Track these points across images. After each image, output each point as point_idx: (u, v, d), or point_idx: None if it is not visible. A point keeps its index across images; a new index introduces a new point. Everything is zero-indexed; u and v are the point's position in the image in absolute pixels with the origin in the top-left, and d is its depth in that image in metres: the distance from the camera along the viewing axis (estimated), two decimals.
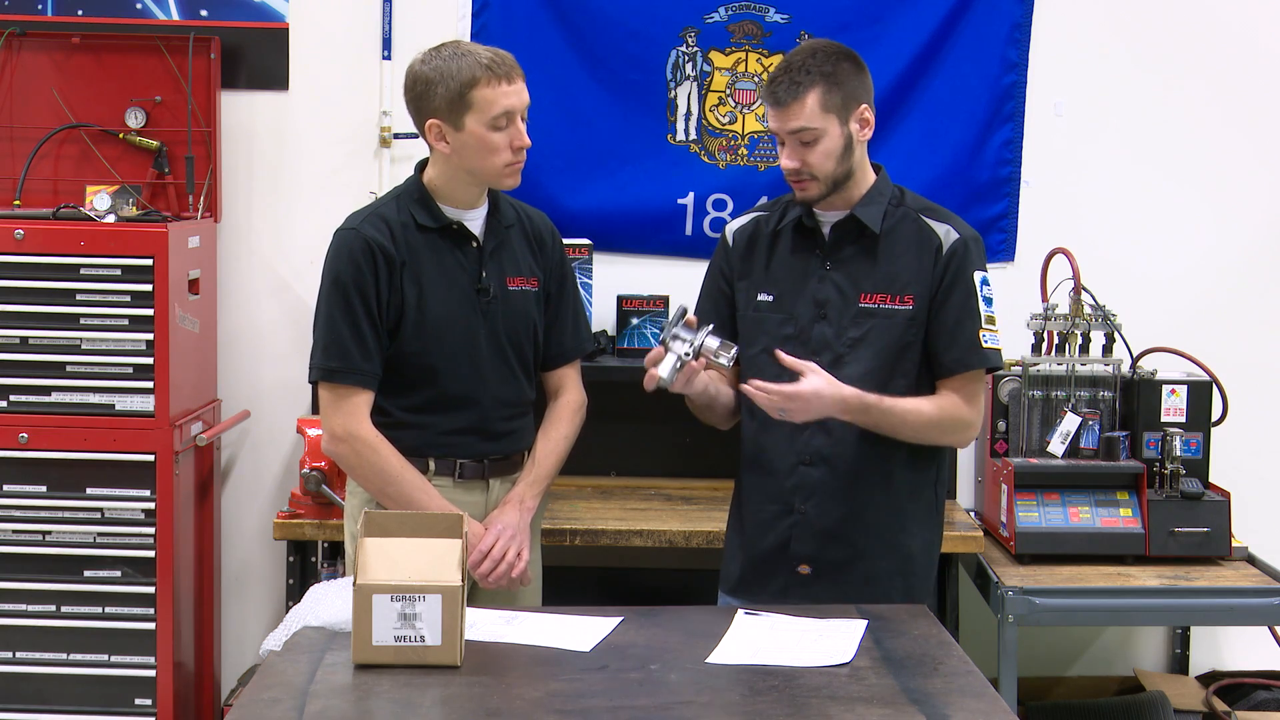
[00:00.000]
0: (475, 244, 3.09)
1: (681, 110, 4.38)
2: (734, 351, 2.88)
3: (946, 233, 3.02)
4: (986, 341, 3.01)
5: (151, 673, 3.94)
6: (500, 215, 3.13)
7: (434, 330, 3.04)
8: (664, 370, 2.86)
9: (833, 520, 3.03)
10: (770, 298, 3.07)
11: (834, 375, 2.95)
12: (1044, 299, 4.07)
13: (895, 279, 3.01)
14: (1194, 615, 3.95)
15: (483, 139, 2.97)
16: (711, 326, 2.91)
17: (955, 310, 3.00)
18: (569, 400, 3.24)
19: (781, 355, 2.91)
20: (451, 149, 3.00)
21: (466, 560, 2.59)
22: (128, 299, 3.86)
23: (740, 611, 2.80)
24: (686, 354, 2.87)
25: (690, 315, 2.91)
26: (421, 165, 3.13)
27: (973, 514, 4.17)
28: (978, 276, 3.02)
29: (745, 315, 3.10)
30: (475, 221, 3.10)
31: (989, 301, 3.03)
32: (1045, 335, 4.00)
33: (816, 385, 2.87)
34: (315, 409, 4.13)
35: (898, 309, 3.00)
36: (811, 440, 3.02)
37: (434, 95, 2.97)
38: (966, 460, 4.27)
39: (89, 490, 3.92)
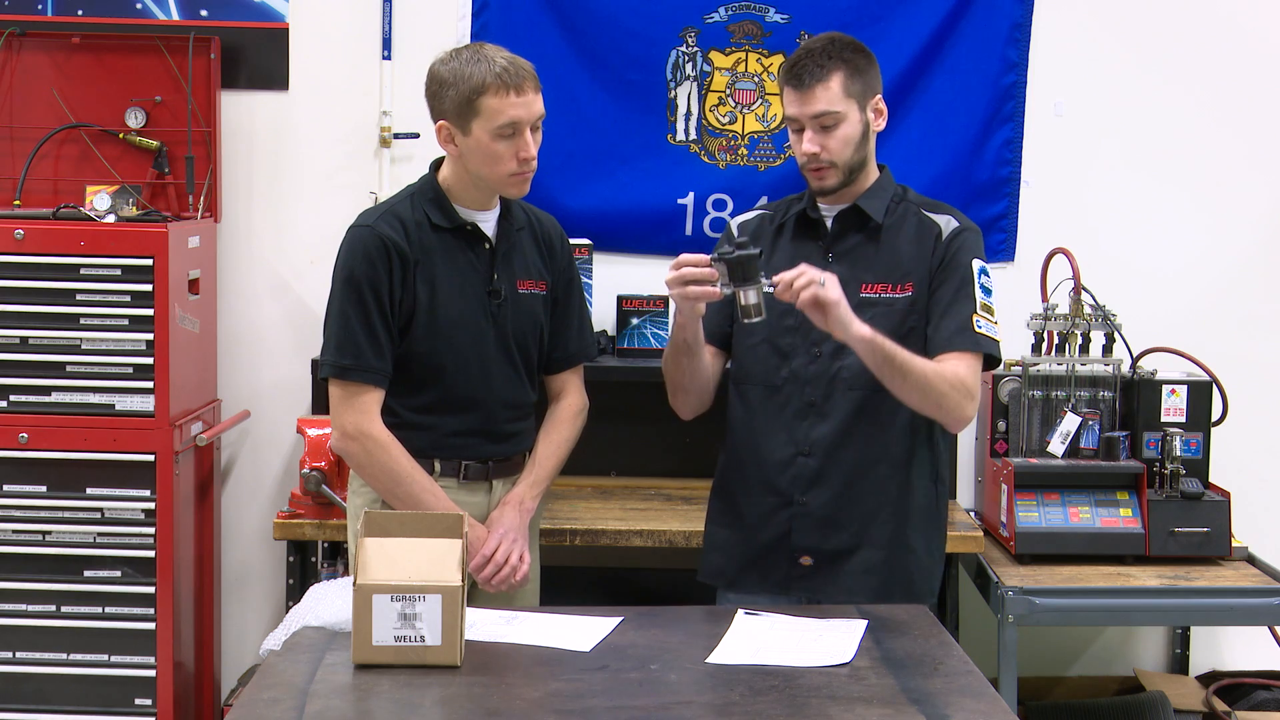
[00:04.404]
0: (488, 245, 3.08)
1: (681, 110, 4.38)
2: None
3: (947, 222, 3.06)
4: (980, 327, 2.98)
5: (151, 673, 3.94)
6: (511, 217, 3.13)
7: (444, 330, 3.03)
8: (755, 304, 2.80)
9: (833, 510, 3.04)
10: (771, 288, 3.06)
11: (836, 365, 3.00)
12: (1044, 299, 4.07)
13: (896, 269, 3.03)
14: (1194, 615, 3.95)
15: (487, 148, 2.96)
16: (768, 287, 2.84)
17: (950, 292, 3.00)
18: (570, 403, 3.24)
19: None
20: (459, 152, 3.00)
21: (467, 560, 2.59)
22: (128, 299, 3.86)
23: (740, 611, 2.80)
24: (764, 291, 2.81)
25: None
26: (436, 164, 3.12)
27: (973, 514, 4.17)
28: (976, 264, 3.03)
29: None
30: (488, 223, 3.10)
31: (987, 291, 3.02)
32: (1045, 335, 4.00)
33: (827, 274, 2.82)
34: (315, 409, 4.14)
35: (897, 297, 3.02)
36: (810, 431, 3.03)
37: (445, 98, 2.97)
38: (966, 460, 4.28)
39: (89, 490, 3.92)
